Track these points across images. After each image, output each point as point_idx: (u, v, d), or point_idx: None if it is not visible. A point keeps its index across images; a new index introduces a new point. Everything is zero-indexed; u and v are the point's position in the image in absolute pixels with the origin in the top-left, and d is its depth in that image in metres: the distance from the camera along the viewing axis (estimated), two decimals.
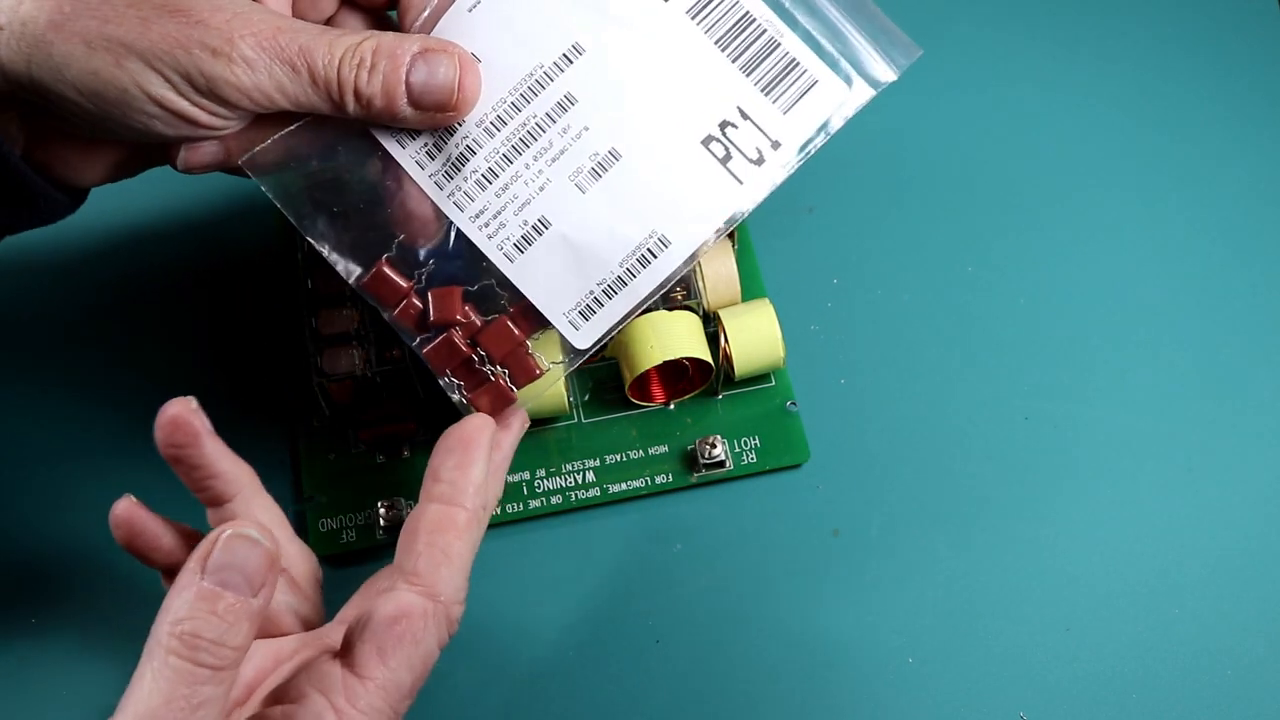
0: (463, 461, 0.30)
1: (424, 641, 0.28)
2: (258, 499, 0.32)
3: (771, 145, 0.32)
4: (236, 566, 0.24)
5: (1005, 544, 0.38)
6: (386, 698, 0.27)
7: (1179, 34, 0.48)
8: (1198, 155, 0.45)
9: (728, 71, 0.33)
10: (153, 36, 0.27)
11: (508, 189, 0.32)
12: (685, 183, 0.32)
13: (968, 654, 0.36)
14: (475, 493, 0.30)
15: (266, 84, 0.28)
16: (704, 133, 0.32)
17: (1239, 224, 0.44)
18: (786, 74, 0.33)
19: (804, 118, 0.33)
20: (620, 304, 0.32)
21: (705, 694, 0.36)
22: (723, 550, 0.38)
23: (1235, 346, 0.41)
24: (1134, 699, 0.36)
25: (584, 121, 0.32)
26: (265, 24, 0.28)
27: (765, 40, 0.33)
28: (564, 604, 0.37)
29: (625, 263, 0.32)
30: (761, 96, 0.33)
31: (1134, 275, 0.43)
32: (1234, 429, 0.40)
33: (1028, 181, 0.45)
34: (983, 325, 0.42)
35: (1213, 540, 0.38)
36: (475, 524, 0.30)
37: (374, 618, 0.27)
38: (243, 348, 0.41)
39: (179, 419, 0.30)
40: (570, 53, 0.32)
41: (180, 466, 0.30)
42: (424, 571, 0.29)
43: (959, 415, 0.40)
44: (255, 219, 0.43)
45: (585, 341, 0.32)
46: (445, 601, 0.28)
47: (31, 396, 0.40)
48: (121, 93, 0.28)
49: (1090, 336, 0.41)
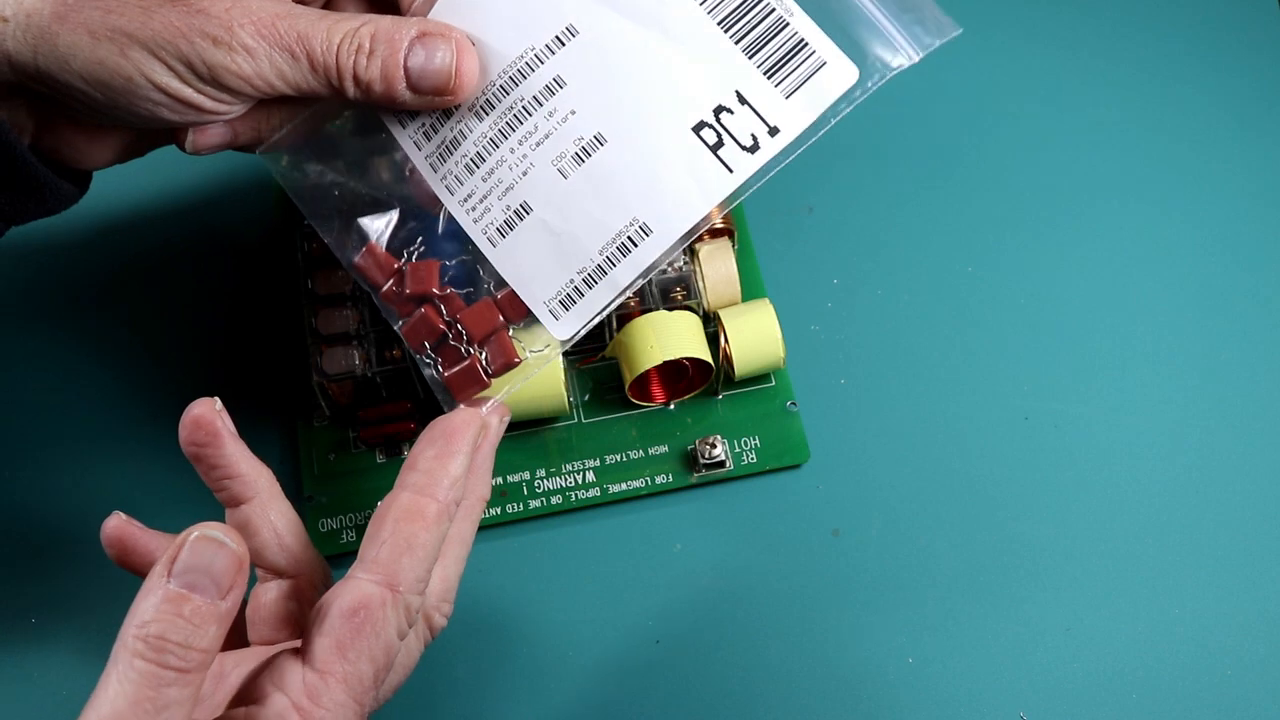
0: (443, 453, 0.30)
1: (384, 633, 0.27)
2: (275, 503, 0.31)
3: (769, 131, 0.31)
4: (203, 569, 0.24)
5: (1005, 544, 0.38)
6: (349, 691, 0.26)
7: (1178, 34, 0.48)
8: (1198, 155, 0.45)
9: (729, 53, 0.31)
10: (155, 26, 0.28)
11: (493, 173, 0.32)
12: (671, 170, 0.31)
13: (968, 654, 0.36)
14: (450, 486, 0.29)
15: (267, 71, 0.29)
16: (696, 118, 0.31)
17: (1239, 223, 0.44)
18: (793, 55, 0.31)
19: (808, 102, 0.31)
20: (601, 294, 0.31)
21: (705, 694, 0.36)
22: (723, 550, 0.38)
23: (1236, 345, 0.41)
24: (1134, 699, 0.36)
25: (571, 105, 0.31)
26: (264, 11, 0.29)
27: (773, 19, 0.31)
28: (564, 604, 0.37)
29: (605, 251, 0.31)
30: (763, 79, 0.31)
31: (1134, 275, 0.43)
32: (1234, 429, 0.40)
33: (1028, 181, 0.45)
34: (983, 325, 0.42)
35: (1213, 540, 0.38)
36: (445, 517, 0.29)
37: (331, 611, 0.27)
38: (243, 348, 0.41)
39: (202, 419, 0.30)
40: (564, 34, 0.31)
41: (201, 465, 0.30)
42: (385, 560, 0.28)
43: (959, 415, 0.40)
44: (256, 219, 0.43)
45: (566, 331, 0.32)
46: (404, 591, 0.28)
47: (29, 394, 0.40)
48: (127, 81, 0.28)
49: (1090, 336, 0.41)
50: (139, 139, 0.33)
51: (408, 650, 0.30)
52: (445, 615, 0.31)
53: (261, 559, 0.31)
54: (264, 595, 0.31)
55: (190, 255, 0.43)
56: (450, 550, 0.31)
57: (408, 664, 0.30)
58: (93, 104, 0.29)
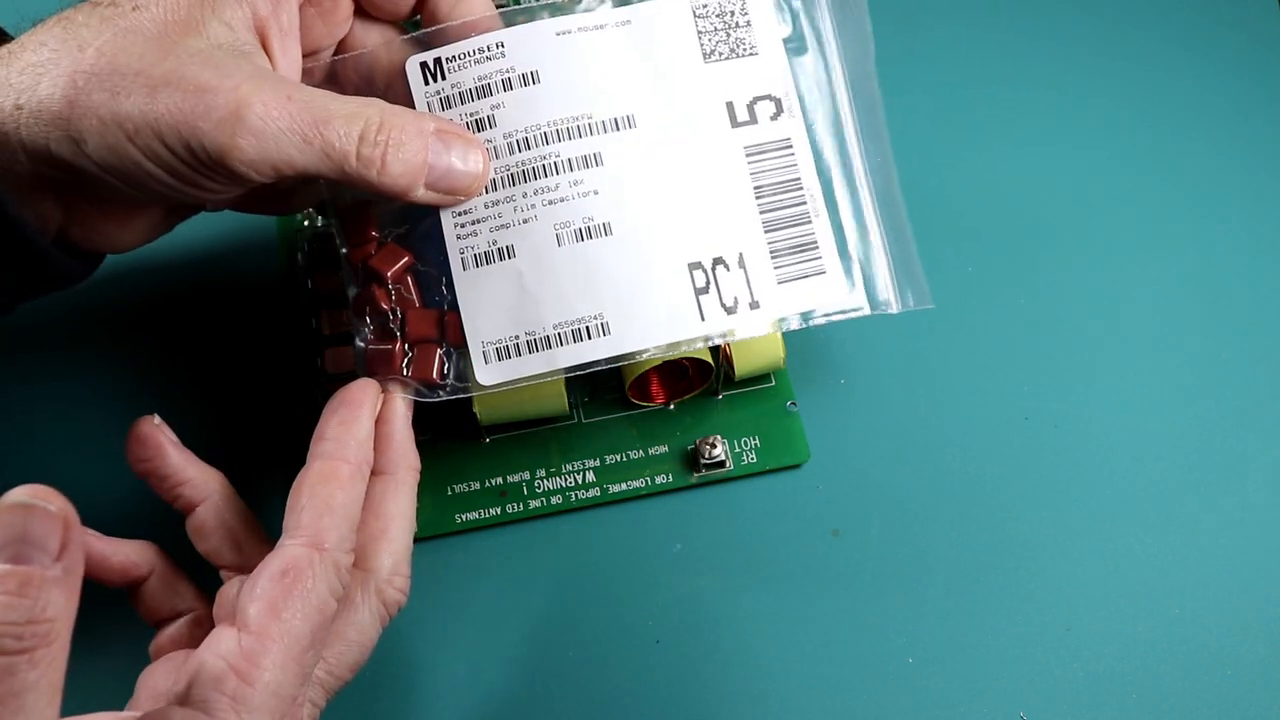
0: (346, 418, 0.31)
1: (315, 590, 0.28)
2: (228, 503, 0.32)
3: (750, 304, 0.32)
4: (19, 539, 0.22)
5: (1005, 544, 0.38)
6: (286, 651, 0.27)
7: (1177, 33, 0.48)
8: (1198, 155, 0.45)
9: (751, 217, 0.33)
10: (159, 109, 0.27)
11: (497, 205, 0.32)
12: (653, 290, 0.32)
13: (968, 654, 0.36)
14: (357, 448, 0.30)
15: (275, 156, 0.28)
16: (696, 257, 0.32)
17: (1239, 223, 0.44)
18: (801, 250, 0.33)
19: (794, 297, 0.32)
20: (535, 363, 0.32)
21: (705, 694, 0.36)
22: (723, 550, 0.38)
23: (1236, 345, 0.41)
24: (1134, 699, 0.36)
25: (597, 185, 0.32)
26: (275, 93, 0.28)
27: (799, 210, 0.33)
28: (564, 604, 0.37)
29: (559, 328, 0.32)
30: (767, 255, 0.33)
31: (1134, 275, 0.43)
32: (1234, 428, 0.40)
33: (1027, 181, 0.44)
34: (983, 325, 0.42)
35: (1213, 540, 0.38)
36: (359, 477, 0.30)
37: (261, 577, 0.27)
38: (243, 348, 0.41)
39: (143, 435, 0.31)
40: (625, 120, 0.32)
41: (152, 479, 0.32)
42: (307, 523, 0.29)
43: (959, 415, 0.40)
44: (256, 219, 0.43)
45: (489, 378, 0.32)
46: (331, 549, 0.28)
47: (24, 399, 0.40)
48: (135, 166, 0.28)
49: (1090, 336, 0.41)
50: (166, 217, 0.32)
51: (361, 627, 0.30)
52: (399, 589, 0.31)
53: (221, 557, 0.32)
54: (229, 591, 0.31)
55: (190, 255, 0.43)
56: (392, 525, 0.31)
57: (363, 640, 0.30)
58: (111, 188, 0.29)
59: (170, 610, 0.32)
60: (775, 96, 0.33)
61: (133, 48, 0.27)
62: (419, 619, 0.37)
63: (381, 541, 0.31)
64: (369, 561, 0.31)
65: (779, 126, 0.33)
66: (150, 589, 0.32)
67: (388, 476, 0.32)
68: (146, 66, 0.27)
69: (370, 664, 0.31)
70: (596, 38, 0.32)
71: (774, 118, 0.33)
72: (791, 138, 0.33)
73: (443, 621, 0.37)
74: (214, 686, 0.26)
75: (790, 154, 0.33)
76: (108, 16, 0.28)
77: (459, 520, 0.38)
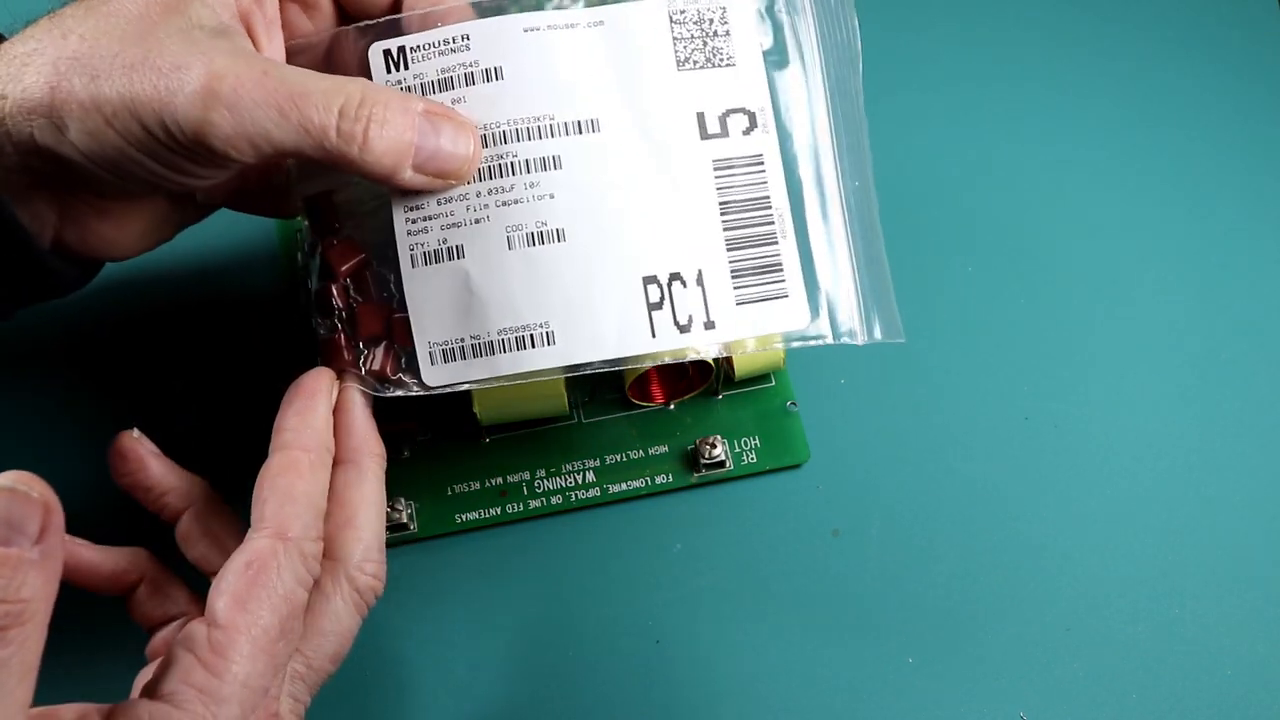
0: (301, 409, 0.31)
1: (281, 580, 0.28)
2: (212, 507, 0.32)
3: (705, 324, 0.31)
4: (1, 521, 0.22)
5: (1005, 544, 0.38)
6: (254, 642, 0.27)
7: (1177, 33, 0.48)
8: (1197, 154, 0.45)
9: (714, 234, 0.31)
10: (135, 90, 0.27)
11: (450, 203, 0.31)
12: (603, 302, 0.31)
13: (968, 654, 0.36)
14: (315, 436, 0.30)
15: (252, 131, 0.27)
16: (652, 271, 0.31)
17: (1239, 223, 0.44)
18: (765, 271, 0.31)
19: (752, 320, 0.31)
20: (477, 368, 0.31)
21: (705, 694, 0.36)
22: (723, 550, 0.38)
23: (1235, 345, 0.41)
24: (1134, 699, 0.36)
25: (553, 188, 0.31)
26: (251, 67, 0.27)
27: (766, 230, 0.32)
28: (564, 604, 0.37)
29: (504, 334, 0.31)
30: (728, 275, 0.31)
31: (1134, 274, 0.43)
32: (1234, 428, 0.40)
33: (1025, 180, 0.45)
34: (983, 325, 0.42)
35: (1213, 540, 0.38)
36: (320, 466, 0.30)
37: (228, 571, 0.28)
38: (243, 350, 0.41)
39: (121, 449, 0.31)
40: (586, 124, 0.31)
41: (136, 492, 0.32)
42: (270, 514, 0.29)
43: (959, 415, 0.40)
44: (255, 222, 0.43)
45: (434, 379, 0.31)
46: (295, 538, 0.28)
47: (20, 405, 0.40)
48: (117, 151, 0.27)
49: (1090, 336, 0.41)
50: (163, 221, 0.32)
51: (336, 617, 0.30)
52: (372, 575, 0.31)
53: (210, 563, 0.32)
54: None
55: (189, 255, 0.43)
56: (359, 513, 0.31)
57: (339, 631, 0.30)
58: (96, 177, 0.28)
59: (164, 614, 0.32)
60: (750, 110, 0.32)
61: (114, 30, 0.27)
62: (419, 619, 0.37)
63: (349, 530, 0.31)
64: (338, 550, 0.30)
65: (751, 142, 0.32)
66: (143, 594, 0.32)
67: (350, 465, 0.32)
68: (125, 48, 0.27)
69: (369, 664, 0.31)
70: (566, 36, 0.31)
71: (746, 132, 0.32)
72: (764, 154, 0.32)
73: (442, 621, 0.37)
74: (182, 679, 0.26)
75: (761, 171, 0.32)
76: (92, 5, 0.28)
77: (459, 520, 0.38)
